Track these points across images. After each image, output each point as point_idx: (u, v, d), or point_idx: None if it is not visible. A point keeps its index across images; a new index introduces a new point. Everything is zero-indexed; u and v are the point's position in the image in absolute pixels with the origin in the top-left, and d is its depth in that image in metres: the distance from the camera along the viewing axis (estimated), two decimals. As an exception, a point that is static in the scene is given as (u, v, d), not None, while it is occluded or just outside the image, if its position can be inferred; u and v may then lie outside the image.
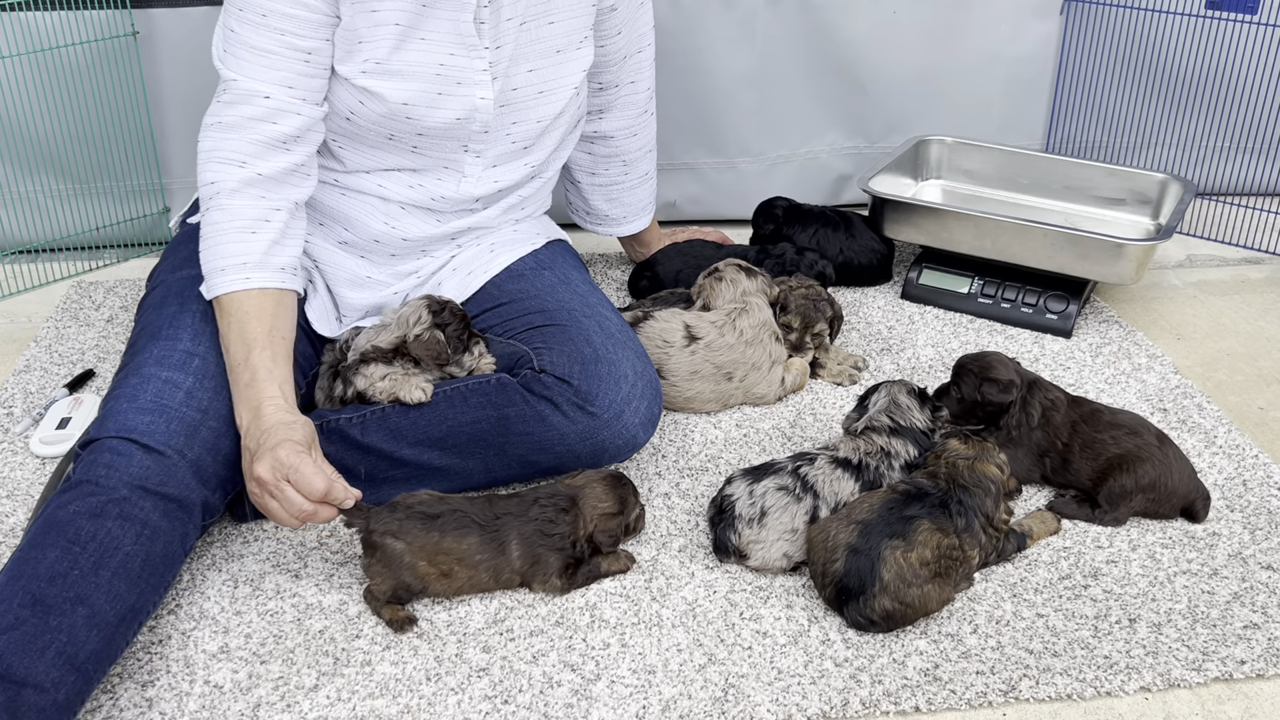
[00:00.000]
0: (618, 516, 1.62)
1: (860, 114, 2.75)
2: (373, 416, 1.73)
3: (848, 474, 1.67)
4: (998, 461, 1.64)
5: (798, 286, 2.13)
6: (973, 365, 1.82)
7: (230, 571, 1.64)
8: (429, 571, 1.54)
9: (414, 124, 1.73)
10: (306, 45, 1.64)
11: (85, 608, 1.35)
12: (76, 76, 2.41)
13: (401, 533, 1.53)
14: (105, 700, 1.42)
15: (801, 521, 1.62)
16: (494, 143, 1.82)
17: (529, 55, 1.79)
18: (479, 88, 1.74)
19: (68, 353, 2.21)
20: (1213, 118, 2.77)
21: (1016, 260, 2.30)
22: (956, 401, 1.82)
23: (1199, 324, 2.38)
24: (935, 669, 1.47)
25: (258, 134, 1.64)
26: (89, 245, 2.60)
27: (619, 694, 1.43)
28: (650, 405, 1.75)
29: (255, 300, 1.61)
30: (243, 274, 1.62)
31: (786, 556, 1.62)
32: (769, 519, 1.62)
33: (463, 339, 1.77)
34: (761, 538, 1.61)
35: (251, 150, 1.64)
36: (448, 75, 1.72)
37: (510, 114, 1.81)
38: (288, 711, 1.41)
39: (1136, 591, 1.61)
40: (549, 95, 1.83)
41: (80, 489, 1.45)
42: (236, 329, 1.59)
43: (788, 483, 1.65)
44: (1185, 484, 1.74)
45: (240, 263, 1.62)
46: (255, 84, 1.63)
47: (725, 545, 1.63)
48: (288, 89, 1.65)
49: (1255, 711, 1.42)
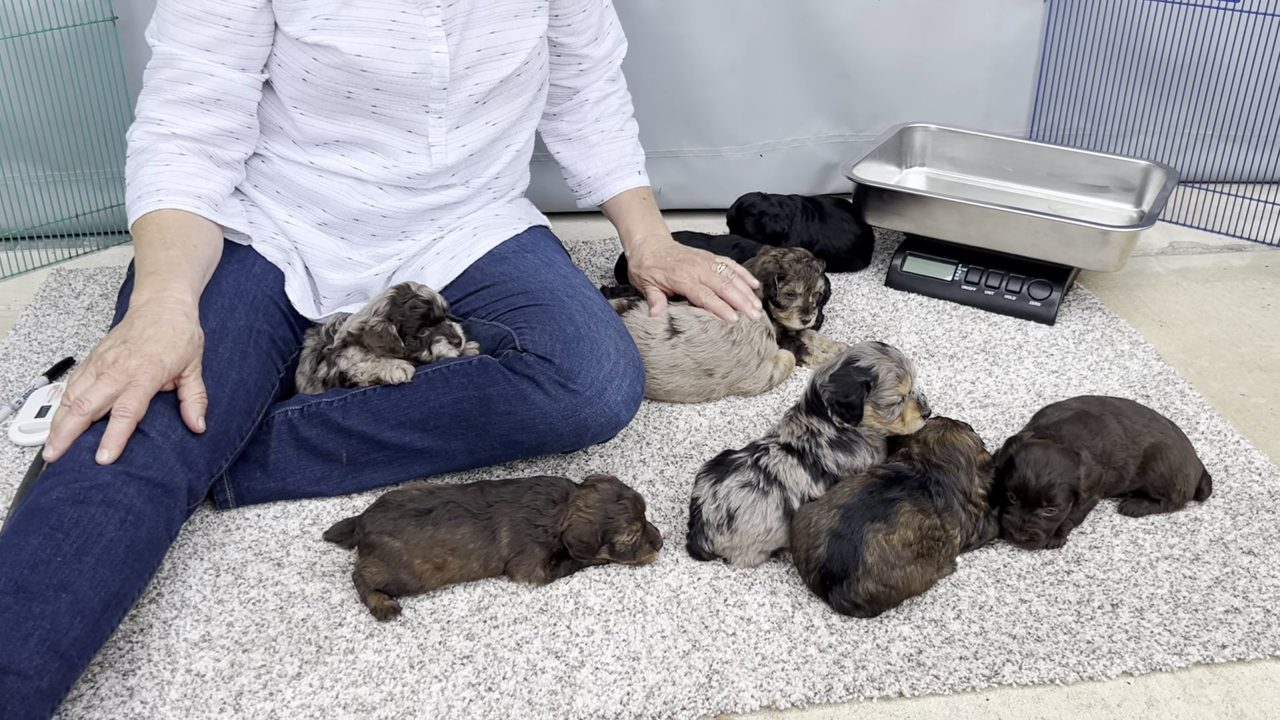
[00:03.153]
0: (593, 527, 1.56)
1: (845, 102, 2.75)
2: (354, 399, 1.72)
3: (795, 460, 1.66)
4: (968, 433, 1.65)
5: (787, 253, 2.14)
6: (1030, 477, 1.62)
7: (212, 560, 1.63)
8: (425, 568, 1.53)
9: (370, 77, 1.73)
10: (225, 11, 1.67)
11: (69, 594, 1.34)
12: (55, 62, 2.39)
13: (397, 531, 1.53)
14: (86, 689, 1.41)
15: (775, 518, 1.61)
16: (456, 103, 1.82)
17: (489, 18, 1.80)
18: (432, 43, 1.75)
19: (47, 341, 2.20)
20: (1196, 105, 2.78)
21: (1000, 247, 2.30)
22: (1052, 520, 1.63)
23: (1181, 311, 2.39)
24: (919, 654, 1.48)
25: (173, 94, 1.70)
26: (68, 233, 2.58)
27: (603, 681, 1.43)
28: (633, 383, 1.74)
29: (167, 217, 1.66)
30: (155, 197, 1.66)
31: (762, 554, 1.62)
32: (738, 522, 1.60)
33: (419, 333, 1.75)
34: (736, 543, 1.61)
35: (168, 111, 1.71)
36: (400, 31, 1.73)
37: (474, 74, 1.81)
38: (270, 700, 1.40)
39: (1119, 577, 1.62)
40: (510, 55, 1.85)
41: (63, 475, 1.44)
42: (145, 244, 1.63)
43: (751, 478, 1.63)
44: (1196, 461, 1.76)
45: (155, 189, 1.67)
46: (174, 47, 1.68)
47: (699, 551, 1.63)
48: (205, 52, 1.69)
49: (1236, 695, 1.43)
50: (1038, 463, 1.62)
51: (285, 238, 1.85)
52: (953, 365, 2.15)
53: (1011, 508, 1.64)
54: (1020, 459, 1.63)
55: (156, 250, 1.63)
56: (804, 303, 2.11)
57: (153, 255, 1.62)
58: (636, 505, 1.59)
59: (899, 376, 1.65)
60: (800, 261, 2.12)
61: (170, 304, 1.56)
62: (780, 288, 2.11)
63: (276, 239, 1.83)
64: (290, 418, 1.73)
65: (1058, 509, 1.62)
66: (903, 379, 1.65)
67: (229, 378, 1.62)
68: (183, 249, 1.64)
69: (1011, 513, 1.64)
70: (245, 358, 1.66)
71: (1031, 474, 1.61)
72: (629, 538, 1.58)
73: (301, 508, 1.73)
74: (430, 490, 1.59)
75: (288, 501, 1.74)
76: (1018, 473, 1.62)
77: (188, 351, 1.53)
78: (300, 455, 1.73)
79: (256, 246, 1.79)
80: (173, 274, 1.60)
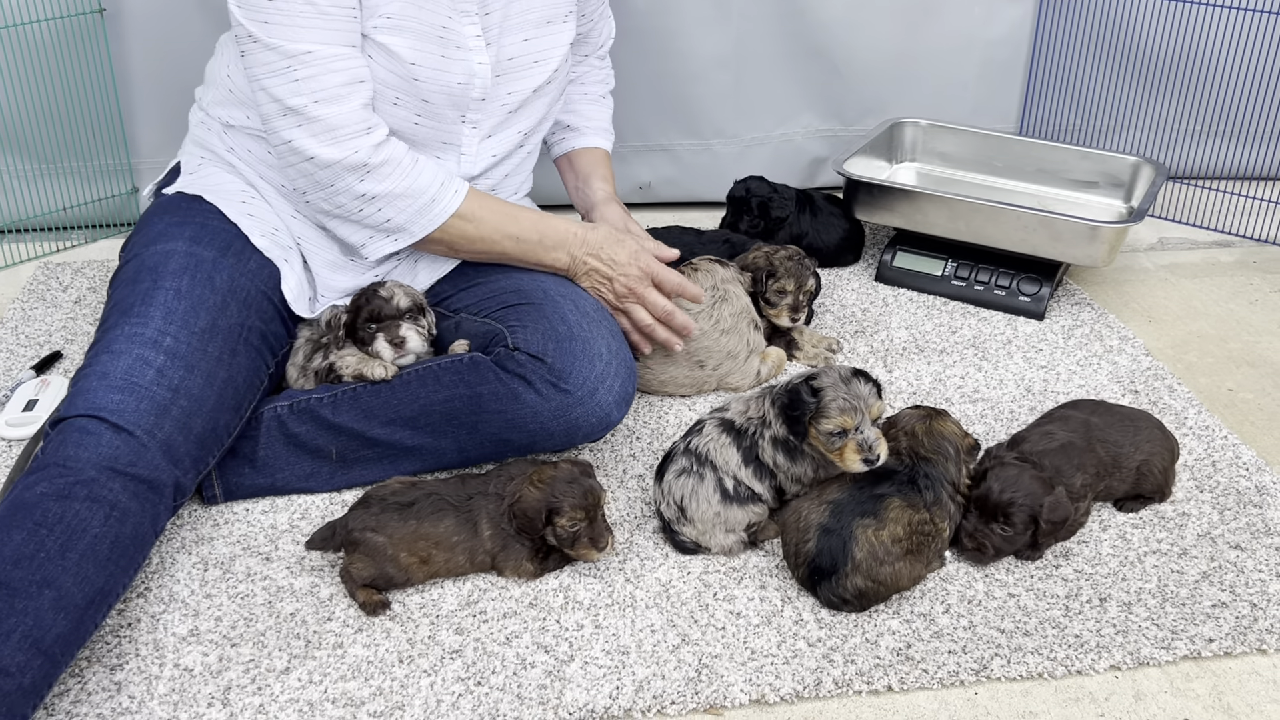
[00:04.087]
0: (538, 504, 1.52)
1: (835, 96, 2.75)
2: (344, 396, 1.72)
3: (729, 438, 1.64)
4: (950, 420, 1.64)
5: (778, 250, 2.14)
6: (994, 498, 1.59)
7: (200, 554, 1.62)
8: (410, 561, 1.53)
9: (419, 87, 1.73)
10: (349, 0, 1.65)
11: (52, 590, 1.33)
12: (42, 54, 2.37)
13: (380, 526, 1.52)
14: (73, 684, 1.40)
15: (717, 500, 1.61)
16: (490, 112, 1.82)
17: (522, 25, 1.81)
18: (474, 53, 1.75)
19: (34, 334, 2.19)
20: (1185, 101, 2.78)
21: (990, 243, 2.30)
22: (1005, 540, 1.59)
23: (1170, 306, 2.40)
24: (908, 648, 1.48)
25: (362, 96, 1.68)
26: (56, 226, 2.57)
27: (592, 675, 1.43)
28: (624, 384, 1.74)
29: (475, 199, 1.78)
30: (451, 187, 1.76)
31: (730, 534, 1.61)
32: (690, 511, 1.61)
33: (368, 327, 1.74)
34: (700, 530, 1.61)
35: (366, 115, 1.69)
36: (449, 39, 1.73)
37: (506, 83, 1.82)
38: (259, 694, 1.40)
39: (1107, 571, 1.62)
40: (542, 63, 1.85)
41: (48, 470, 1.43)
42: (488, 226, 1.79)
43: (685, 464, 1.64)
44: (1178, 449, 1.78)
45: (440, 183, 1.75)
46: (325, 48, 1.63)
47: (682, 546, 1.64)
48: (351, 47, 1.66)
49: (1223, 689, 1.44)
50: (1007, 479, 1.60)
51: (286, 234, 1.84)
52: (942, 360, 2.15)
53: (969, 515, 1.62)
54: (993, 473, 1.61)
55: (520, 213, 1.83)
56: (794, 300, 2.11)
57: (516, 220, 1.82)
58: (589, 495, 1.54)
59: (842, 409, 1.55)
60: (792, 259, 2.12)
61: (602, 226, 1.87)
62: (770, 285, 2.10)
63: (276, 235, 1.81)
64: (280, 414, 1.73)
65: (1013, 530, 1.58)
66: (847, 412, 1.55)
67: (218, 375, 1.61)
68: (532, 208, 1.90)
69: (968, 520, 1.61)
70: (235, 355, 1.66)
71: (997, 487, 1.59)
72: (569, 523, 1.52)
73: (290, 502, 1.73)
74: (412, 483, 1.59)
75: (276, 496, 1.74)
76: (985, 484, 1.60)
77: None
78: (289, 451, 1.73)
79: (255, 241, 1.77)
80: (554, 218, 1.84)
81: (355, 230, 1.78)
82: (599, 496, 1.55)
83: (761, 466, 1.63)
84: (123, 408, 1.50)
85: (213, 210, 1.80)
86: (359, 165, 1.68)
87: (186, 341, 1.60)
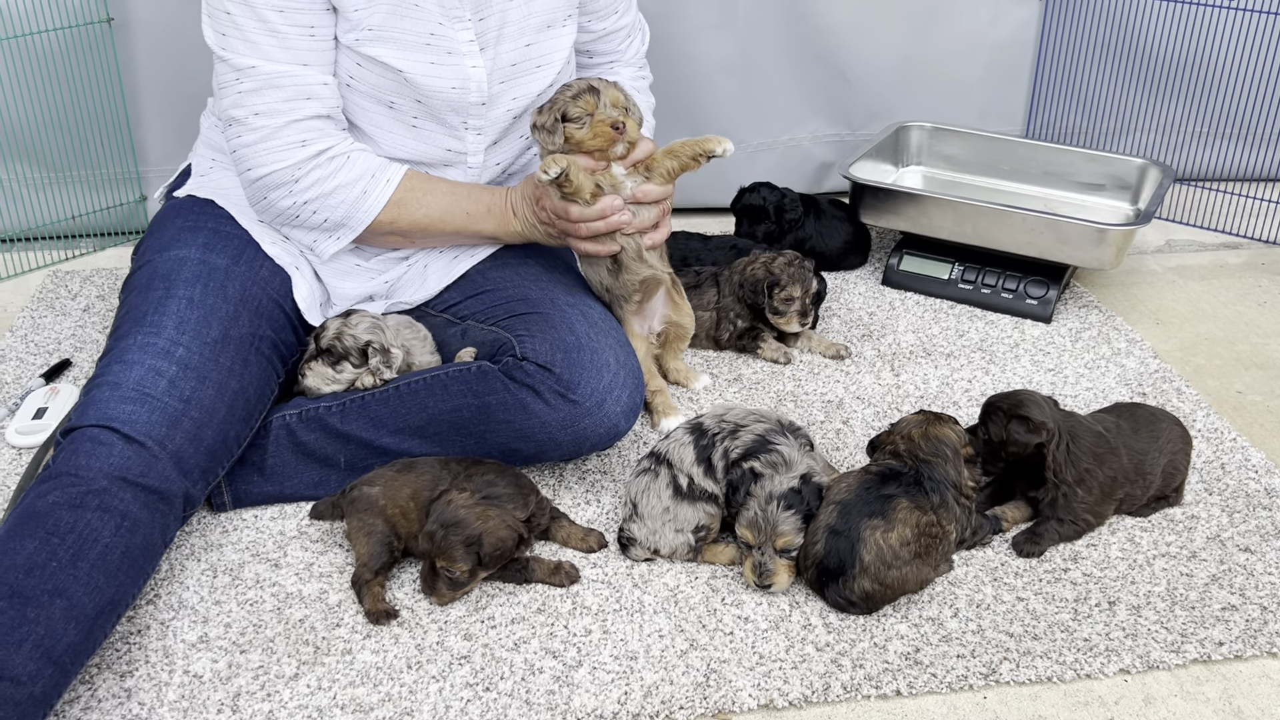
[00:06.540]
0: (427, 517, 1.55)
1: (841, 101, 2.75)
2: (352, 405, 1.72)
3: (690, 439, 1.65)
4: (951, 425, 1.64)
5: (776, 257, 2.14)
6: (1002, 403, 1.68)
7: (209, 561, 1.63)
8: (394, 512, 1.57)
9: (412, 89, 1.73)
10: (308, 20, 1.65)
11: (63, 600, 1.34)
12: (51, 63, 2.38)
13: (374, 479, 1.61)
14: (84, 691, 1.41)
15: (668, 495, 1.61)
16: (495, 119, 1.82)
17: (522, 30, 1.80)
18: (467, 58, 1.75)
19: (44, 342, 2.20)
20: (1192, 103, 2.78)
21: (997, 246, 2.30)
22: (983, 443, 1.68)
23: (1178, 309, 2.39)
24: (916, 653, 1.48)
25: (303, 111, 1.67)
26: (65, 234, 2.58)
27: (601, 680, 1.43)
28: (632, 394, 1.74)
29: (408, 179, 1.77)
30: (383, 176, 1.74)
31: (679, 534, 1.61)
32: (641, 508, 1.62)
33: (308, 363, 1.76)
34: (649, 528, 1.61)
35: (302, 129, 1.68)
36: (438, 45, 1.72)
37: (511, 89, 1.81)
38: (268, 700, 1.40)
39: (1116, 574, 1.62)
40: (545, 68, 1.85)
41: (60, 479, 1.44)
42: (435, 207, 1.78)
43: (645, 465, 1.66)
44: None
45: (370, 174, 1.74)
46: (270, 65, 1.64)
47: (624, 547, 1.64)
48: (302, 66, 1.66)
49: (1233, 692, 1.43)
50: (1004, 396, 1.70)
51: (297, 243, 1.84)
52: (949, 364, 2.15)
53: (974, 439, 1.68)
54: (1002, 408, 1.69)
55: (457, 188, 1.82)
56: (801, 305, 2.11)
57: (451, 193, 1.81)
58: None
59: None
60: (792, 264, 2.12)
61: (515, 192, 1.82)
62: (776, 294, 2.10)
63: (286, 242, 1.82)
64: (289, 422, 1.73)
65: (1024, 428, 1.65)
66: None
67: (229, 386, 1.62)
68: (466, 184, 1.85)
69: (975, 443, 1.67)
70: (247, 365, 1.66)
71: (998, 397, 1.70)
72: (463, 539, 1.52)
73: (299, 509, 1.73)
74: (411, 463, 1.65)
75: (285, 503, 1.74)
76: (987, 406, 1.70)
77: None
78: (298, 460, 1.73)
79: (266, 249, 1.78)
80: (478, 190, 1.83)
81: (303, 233, 1.79)
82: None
83: (711, 467, 1.63)
84: (135, 418, 1.50)
85: (224, 215, 1.81)
86: (289, 180, 1.70)
87: (199, 352, 1.61)
